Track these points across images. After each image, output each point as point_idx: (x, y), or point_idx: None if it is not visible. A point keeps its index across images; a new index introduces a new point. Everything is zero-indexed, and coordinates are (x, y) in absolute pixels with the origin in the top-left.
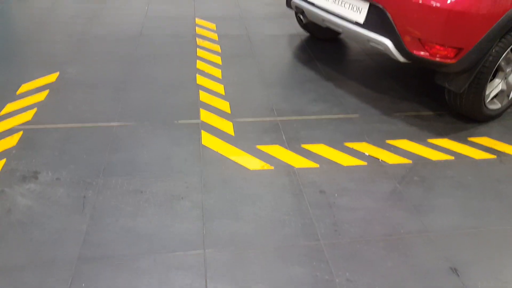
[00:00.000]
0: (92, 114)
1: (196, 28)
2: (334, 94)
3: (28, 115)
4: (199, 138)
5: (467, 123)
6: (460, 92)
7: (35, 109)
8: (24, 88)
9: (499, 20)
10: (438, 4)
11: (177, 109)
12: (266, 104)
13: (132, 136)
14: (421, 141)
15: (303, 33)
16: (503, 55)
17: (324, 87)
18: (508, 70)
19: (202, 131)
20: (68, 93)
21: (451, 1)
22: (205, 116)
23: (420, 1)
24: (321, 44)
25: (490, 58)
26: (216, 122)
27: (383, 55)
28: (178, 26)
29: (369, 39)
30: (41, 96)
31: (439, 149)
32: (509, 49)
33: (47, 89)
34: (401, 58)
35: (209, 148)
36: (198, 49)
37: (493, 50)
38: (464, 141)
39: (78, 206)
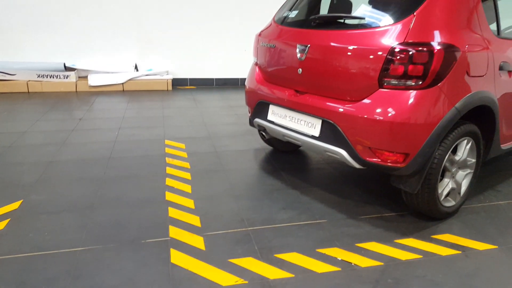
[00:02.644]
0: (55, 241)
1: (166, 148)
2: (301, 201)
3: None
4: (168, 257)
5: (428, 221)
6: (415, 192)
7: None
8: None
9: (436, 127)
10: (381, 118)
11: (145, 228)
12: (237, 216)
13: (96, 261)
14: (389, 242)
15: (267, 147)
16: (446, 157)
17: (291, 195)
18: (453, 170)
19: (171, 248)
20: (30, 221)
21: (392, 114)
22: (174, 232)
23: (366, 116)
24: (284, 155)
25: (435, 160)
26: (186, 237)
27: (341, 163)
28: (148, 148)
29: (326, 150)
30: (0, 225)
31: (407, 248)
32: (450, 152)
33: (7, 218)
34: (356, 165)
35: (179, 266)
36: (167, 167)
37: (436, 153)
38: (428, 239)
39: None
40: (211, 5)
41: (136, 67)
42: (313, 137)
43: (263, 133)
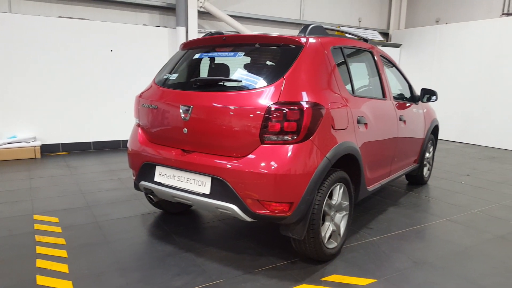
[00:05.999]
0: None
1: (35, 224)
2: (196, 263)
3: None
4: None
5: (317, 265)
6: (302, 238)
7: None
8: None
9: (312, 176)
10: (265, 171)
11: None
12: None
13: None
14: None
15: (156, 210)
16: (324, 202)
17: (185, 258)
18: (332, 213)
19: None
20: None
21: (274, 167)
22: None
23: (252, 170)
24: (175, 217)
25: (316, 206)
26: None
27: (233, 218)
28: (12, 226)
29: (217, 207)
30: None
31: None
32: (327, 197)
33: None
34: (248, 219)
35: None
36: (37, 247)
37: (316, 200)
38: (318, 282)
39: None
40: (83, 64)
41: None
42: (204, 195)
43: (151, 196)
